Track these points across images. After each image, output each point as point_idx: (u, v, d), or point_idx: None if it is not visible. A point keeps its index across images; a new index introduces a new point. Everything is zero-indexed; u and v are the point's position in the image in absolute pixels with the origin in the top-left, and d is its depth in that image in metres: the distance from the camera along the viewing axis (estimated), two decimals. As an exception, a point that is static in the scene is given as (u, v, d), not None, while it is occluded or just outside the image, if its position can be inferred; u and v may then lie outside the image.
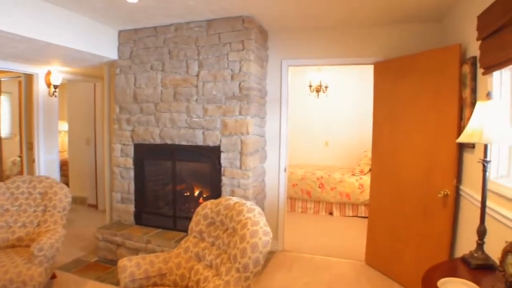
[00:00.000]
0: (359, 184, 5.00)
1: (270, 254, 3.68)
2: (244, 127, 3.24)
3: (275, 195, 3.82)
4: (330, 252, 3.75)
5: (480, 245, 1.75)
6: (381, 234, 3.25)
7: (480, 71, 2.17)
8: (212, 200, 2.37)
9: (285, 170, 3.79)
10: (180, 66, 3.46)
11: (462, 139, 1.69)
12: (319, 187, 5.18)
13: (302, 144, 6.57)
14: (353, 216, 5.12)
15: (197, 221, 2.33)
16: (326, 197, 5.15)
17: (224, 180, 3.37)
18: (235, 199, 2.24)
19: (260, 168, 3.65)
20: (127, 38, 3.67)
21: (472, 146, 2.31)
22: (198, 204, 3.69)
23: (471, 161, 2.35)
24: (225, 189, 3.38)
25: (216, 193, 3.44)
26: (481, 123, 1.61)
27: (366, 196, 4.94)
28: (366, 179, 5.01)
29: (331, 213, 5.24)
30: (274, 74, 3.76)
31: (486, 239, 1.74)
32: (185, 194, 3.87)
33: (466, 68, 2.37)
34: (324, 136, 6.47)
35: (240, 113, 3.26)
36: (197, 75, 3.39)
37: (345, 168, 5.99)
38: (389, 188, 3.15)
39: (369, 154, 5.20)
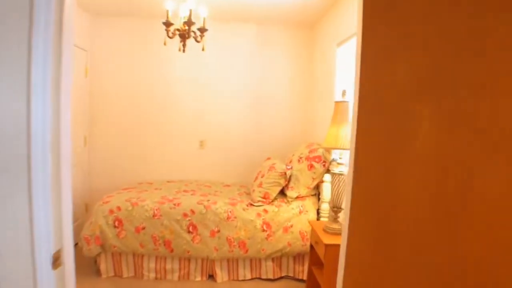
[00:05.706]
0: (263, 223, 2.72)
1: None
2: None
3: None
4: None
5: None
6: None
7: None
8: None
9: (53, 264, 1.10)
10: None
11: None
12: (189, 232, 2.69)
13: (154, 146, 3.87)
14: (252, 279, 2.83)
15: None
16: (203, 250, 2.70)
17: None
18: None
19: None
20: None
21: None
22: None
23: None
24: None
25: None
26: None
27: (276, 245, 2.71)
28: (276, 213, 2.77)
29: (212, 276, 2.83)
30: None
31: None
32: None
33: None
34: (199, 131, 3.92)
35: None
36: None
37: (235, 186, 3.63)
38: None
39: (279, 165, 2.96)
